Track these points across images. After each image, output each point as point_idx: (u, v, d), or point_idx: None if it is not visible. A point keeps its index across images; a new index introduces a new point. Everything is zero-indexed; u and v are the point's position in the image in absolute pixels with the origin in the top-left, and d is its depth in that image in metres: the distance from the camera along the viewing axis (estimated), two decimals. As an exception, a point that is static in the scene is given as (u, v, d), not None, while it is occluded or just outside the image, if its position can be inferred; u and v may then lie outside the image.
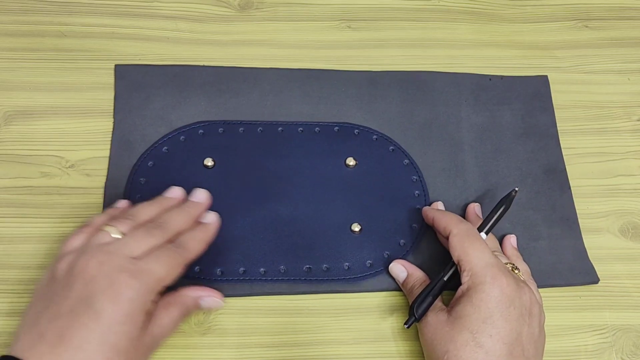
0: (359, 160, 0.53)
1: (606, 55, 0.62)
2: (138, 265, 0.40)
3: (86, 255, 0.40)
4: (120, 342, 0.38)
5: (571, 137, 0.57)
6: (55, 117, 0.53)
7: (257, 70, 0.57)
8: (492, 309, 0.42)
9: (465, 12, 0.63)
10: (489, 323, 0.42)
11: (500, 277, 0.43)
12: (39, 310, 0.39)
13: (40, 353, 0.36)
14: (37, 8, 0.58)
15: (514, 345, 0.42)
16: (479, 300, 0.42)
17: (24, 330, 0.39)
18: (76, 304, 0.38)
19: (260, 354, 0.46)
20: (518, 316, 0.43)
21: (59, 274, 0.40)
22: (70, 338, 0.37)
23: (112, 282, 0.38)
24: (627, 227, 0.54)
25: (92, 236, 0.42)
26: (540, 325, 0.45)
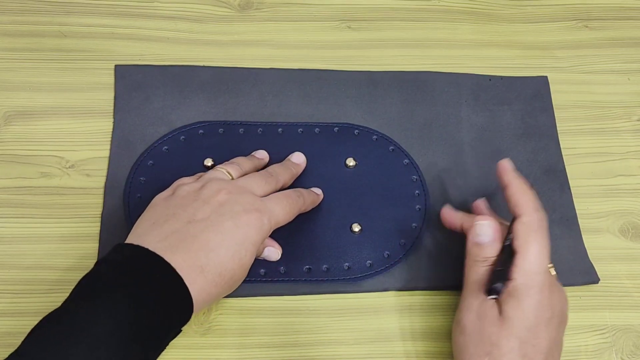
0: (359, 160, 0.53)
1: (606, 55, 0.62)
2: (264, 204, 0.44)
3: (213, 183, 0.44)
4: (242, 260, 0.41)
5: (571, 137, 0.57)
6: (55, 117, 0.53)
7: (257, 70, 0.57)
8: (539, 318, 0.41)
9: (465, 12, 0.63)
10: (533, 332, 0.41)
11: (549, 287, 0.42)
12: (158, 218, 0.41)
13: (172, 249, 0.39)
14: (36, 8, 0.58)
15: (549, 354, 0.41)
16: (528, 306, 0.41)
17: (145, 231, 0.41)
18: (209, 217, 0.41)
19: (260, 354, 0.46)
20: (557, 325, 0.42)
21: (182, 194, 0.43)
22: (206, 241, 0.40)
23: (242, 211, 0.42)
24: (627, 227, 0.54)
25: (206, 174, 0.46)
26: (563, 325, 0.44)
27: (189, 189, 0.44)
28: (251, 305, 0.48)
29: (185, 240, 0.40)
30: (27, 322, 0.45)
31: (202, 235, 0.40)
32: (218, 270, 0.40)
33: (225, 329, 0.47)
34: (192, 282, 0.38)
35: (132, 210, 0.49)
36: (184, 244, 0.39)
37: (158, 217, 0.42)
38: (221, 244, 0.40)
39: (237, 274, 0.42)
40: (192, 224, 0.41)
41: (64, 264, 0.47)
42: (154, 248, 0.39)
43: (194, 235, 0.40)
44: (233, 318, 0.47)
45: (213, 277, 0.40)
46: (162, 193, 0.45)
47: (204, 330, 0.46)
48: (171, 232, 0.40)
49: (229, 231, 0.41)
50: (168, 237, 0.40)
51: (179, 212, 0.42)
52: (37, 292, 0.46)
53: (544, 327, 0.41)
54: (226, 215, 0.42)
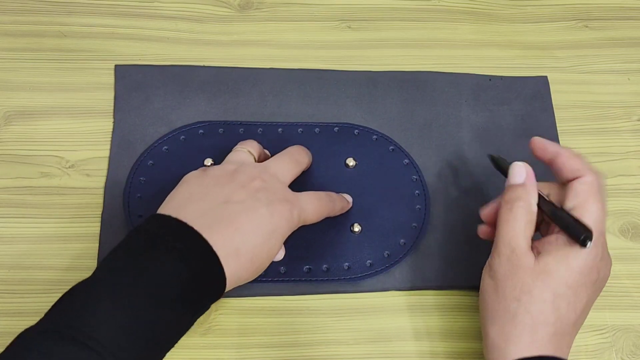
0: (359, 160, 0.53)
1: (606, 55, 0.62)
2: (297, 199, 0.44)
3: (246, 168, 0.44)
4: (271, 250, 0.41)
5: (571, 137, 0.57)
6: (55, 117, 0.53)
7: (257, 70, 0.57)
8: (582, 280, 0.40)
9: (465, 12, 0.63)
10: (573, 290, 0.40)
11: (601, 250, 0.41)
12: (193, 194, 0.41)
13: (210, 227, 0.39)
14: (37, 8, 0.58)
15: (582, 315, 0.41)
16: (577, 265, 0.39)
17: (181, 205, 0.40)
18: (245, 201, 0.41)
19: (260, 354, 0.46)
20: (596, 291, 0.42)
21: (216, 174, 0.43)
22: (242, 224, 0.40)
23: (276, 201, 0.42)
24: (627, 227, 0.54)
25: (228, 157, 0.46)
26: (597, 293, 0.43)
27: (222, 170, 0.44)
28: (251, 305, 0.48)
29: (222, 220, 0.39)
30: (27, 322, 0.45)
31: (238, 218, 0.40)
32: (250, 256, 0.40)
33: (225, 329, 0.47)
34: (227, 264, 0.38)
35: (132, 210, 0.49)
36: (221, 224, 0.39)
37: (193, 193, 0.42)
38: (256, 230, 0.40)
39: (264, 263, 0.42)
40: (229, 205, 0.40)
41: (64, 264, 0.48)
42: (192, 223, 0.38)
43: (231, 216, 0.40)
44: (233, 318, 0.47)
45: (245, 261, 0.40)
46: (193, 172, 0.44)
47: (204, 330, 0.46)
48: (208, 209, 0.40)
49: (264, 218, 0.41)
50: (205, 214, 0.39)
51: (216, 191, 0.41)
52: (37, 292, 0.46)
53: (584, 288, 0.40)
54: (262, 201, 0.41)
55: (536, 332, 0.39)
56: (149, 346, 0.35)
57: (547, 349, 0.39)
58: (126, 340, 0.34)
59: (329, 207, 0.47)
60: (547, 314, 0.39)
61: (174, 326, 0.37)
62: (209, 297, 0.39)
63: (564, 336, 0.40)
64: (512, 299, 0.40)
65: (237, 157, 0.46)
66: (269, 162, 0.46)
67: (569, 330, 0.40)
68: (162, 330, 0.36)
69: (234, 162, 0.45)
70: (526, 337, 0.39)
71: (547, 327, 0.39)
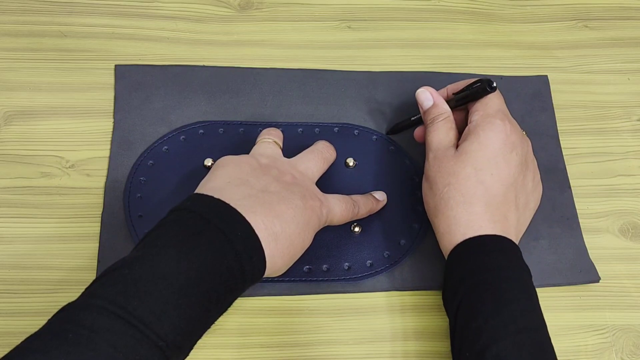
0: (359, 160, 0.53)
1: (606, 55, 0.62)
2: (327, 199, 0.45)
3: (278, 163, 0.45)
4: (304, 242, 0.42)
5: (571, 137, 0.57)
6: (55, 117, 0.53)
7: (257, 70, 0.57)
8: (497, 150, 0.44)
9: (465, 12, 0.63)
10: (492, 162, 0.44)
11: (507, 123, 0.45)
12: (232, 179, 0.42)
13: (252, 210, 0.39)
14: (37, 8, 0.58)
15: (509, 189, 0.45)
16: (487, 138, 0.44)
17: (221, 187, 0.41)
18: (281, 192, 0.42)
19: (260, 354, 0.46)
20: (518, 163, 0.45)
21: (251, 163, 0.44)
22: (281, 212, 0.40)
23: (308, 196, 0.43)
24: (627, 227, 0.54)
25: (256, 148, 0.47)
26: (534, 181, 0.48)
27: (257, 161, 0.44)
28: (251, 305, 0.48)
29: (262, 205, 0.40)
30: (27, 322, 0.45)
31: (277, 206, 0.41)
32: (287, 243, 0.40)
33: (225, 329, 0.47)
34: (267, 247, 0.39)
35: (132, 210, 0.49)
36: (262, 209, 0.40)
37: (232, 178, 0.42)
38: (293, 219, 0.41)
39: (297, 253, 0.42)
40: (267, 194, 0.41)
41: (64, 264, 0.48)
42: (234, 205, 0.39)
43: (270, 203, 0.40)
44: (233, 318, 0.47)
45: (282, 248, 0.40)
46: (228, 157, 0.45)
47: (204, 330, 0.46)
48: (248, 195, 0.40)
49: (299, 209, 0.42)
50: (246, 198, 0.40)
51: (252, 179, 0.42)
52: (37, 292, 0.46)
53: (503, 159, 0.44)
54: (296, 194, 0.42)
55: (470, 207, 0.44)
56: (191, 325, 0.35)
57: (484, 224, 0.43)
58: (170, 320, 0.34)
59: (353, 212, 0.48)
60: (474, 188, 0.44)
61: (214, 306, 0.37)
62: (249, 279, 0.39)
63: (497, 209, 0.44)
64: (444, 186, 0.45)
65: (267, 150, 0.47)
66: (298, 159, 0.47)
67: (499, 203, 0.44)
68: (204, 310, 0.36)
69: (266, 156, 0.46)
70: (463, 215, 0.44)
71: (478, 200, 0.44)
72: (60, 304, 0.41)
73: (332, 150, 0.51)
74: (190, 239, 0.36)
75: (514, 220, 0.45)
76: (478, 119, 0.46)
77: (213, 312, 0.37)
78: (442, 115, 0.48)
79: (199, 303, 0.35)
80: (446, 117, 0.48)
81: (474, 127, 0.46)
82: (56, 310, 0.34)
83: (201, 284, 0.35)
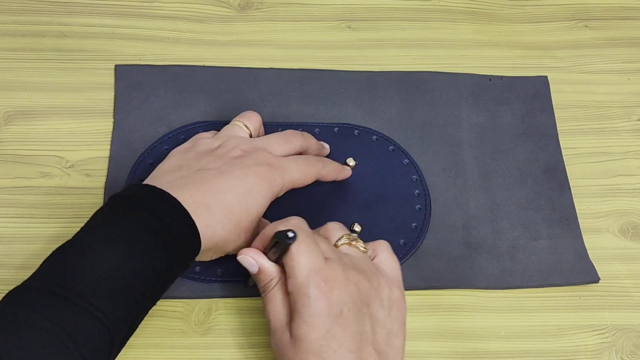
0: (359, 160, 0.53)
1: (606, 55, 0.62)
2: (279, 161, 0.45)
3: (230, 141, 0.46)
4: (249, 210, 0.42)
5: (571, 137, 0.57)
6: (55, 117, 0.53)
7: (257, 70, 0.57)
8: (326, 323, 0.38)
9: (465, 12, 0.63)
10: (328, 338, 0.38)
11: (322, 284, 0.38)
12: (171, 167, 0.44)
13: (180, 187, 0.40)
14: (37, 8, 0.58)
15: (361, 346, 0.39)
16: (310, 316, 0.38)
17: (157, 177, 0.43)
18: (220, 167, 0.43)
19: (260, 354, 0.46)
20: (354, 317, 0.39)
21: (199, 149, 0.45)
22: (213, 184, 0.41)
23: (253, 164, 0.43)
24: (627, 227, 0.54)
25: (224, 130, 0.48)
26: (385, 304, 0.40)
27: (207, 146, 0.46)
28: (251, 305, 0.48)
29: (194, 183, 0.42)
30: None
31: (210, 180, 0.42)
32: (224, 212, 0.41)
33: (225, 329, 0.47)
34: (198, 216, 0.40)
35: (132, 210, 0.49)
36: (193, 186, 0.41)
37: (171, 166, 0.44)
38: (229, 189, 0.42)
39: (243, 221, 0.42)
40: (202, 172, 0.43)
41: (64, 264, 0.47)
42: (162, 186, 0.40)
43: (203, 178, 0.42)
44: (233, 318, 0.47)
45: (219, 217, 0.41)
46: (180, 146, 0.47)
47: (204, 330, 0.46)
48: (181, 177, 0.42)
49: (237, 178, 0.42)
50: (177, 179, 0.42)
51: (192, 163, 0.44)
52: (37, 292, 0.46)
53: (337, 328, 0.38)
54: (237, 166, 0.43)
55: None
56: (128, 295, 0.36)
57: None
58: (103, 290, 0.35)
59: (316, 166, 0.47)
60: None
61: (153, 278, 0.38)
62: (187, 250, 0.40)
63: None
64: None
65: (230, 131, 0.48)
66: (259, 138, 0.48)
67: None
68: (141, 281, 0.37)
69: (221, 137, 0.47)
70: None
71: None
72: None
73: (300, 137, 0.49)
74: (119, 217, 0.38)
75: None
76: (293, 290, 0.38)
77: (153, 284, 0.38)
78: (272, 281, 0.41)
79: (133, 274, 0.36)
80: (276, 282, 0.40)
81: (293, 303, 0.38)
82: None
83: (132, 256, 0.37)
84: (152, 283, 0.38)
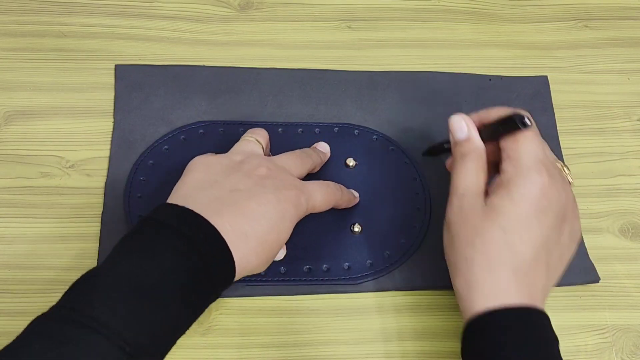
0: (359, 160, 0.53)
1: (606, 55, 0.62)
2: (304, 185, 0.44)
3: (253, 158, 0.44)
4: (280, 235, 0.42)
5: (571, 137, 0.57)
6: (55, 117, 0.53)
7: (257, 70, 0.57)
8: (531, 209, 0.39)
9: (465, 12, 0.63)
10: (524, 223, 0.39)
11: (546, 176, 0.40)
12: (200, 183, 0.42)
13: (218, 212, 0.39)
14: (37, 8, 0.58)
15: (541, 251, 0.39)
16: (520, 195, 0.39)
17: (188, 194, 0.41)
18: (252, 188, 0.41)
19: (260, 354, 0.46)
20: (553, 221, 0.40)
21: (223, 162, 0.44)
22: (250, 210, 0.40)
23: (283, 187, 0.42)
24: (627, 227, 0.54)
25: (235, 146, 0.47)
26: (572, 232, 0.42)
27: (229, 159, 0.44)
28: (251, 305, 0.48)
29: (230, 206, 0.40)
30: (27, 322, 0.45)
31: (246, 204, 0.40)
32: (260, 240, 0.40)
33: (225, 329, 0.47)
34: (236, 247, 0.39)
35: (132, 210, 0.49)
36: (229, 209, 0.39)
37: (200, 182, 0.42)
38: (264, 214, 0.40)
39: (274, 248, 0.42)
40: (236, 193, 0.41)
41: (64, 264, 0.48)
42: (199, 210, 0.39)
43: (238, 202, 0.40)
44: (233, 318, 0.47)
45: (255, 245, 0.40)
46: (199, 157, 0.45)
47: (204, 330, 0.46)
48: (215, 198, 0.40)
49: (271, 203, 0.41)
50: (212, 201, 0.40)
51: (222, 180, 0.42)
52: (37, 292, 0.46)
53: (536, 220, 0.39)
54: (268, 188, 0.42)
55: (494, 273, 0.39)
56: (157, 327, 0.35)
57: (509, 293, 0.38)
58: (136, 324, 0.34)
59: (336, 195, 0.47)
60: (501, 252, 0.39)
61: (183, 308, 0.37)
62: (220, 282, 0.39)
63: (526, 275, 0.39)
64: (467, 245, 0.40)
65: (245, 147, 0.47)
66: (276, 156, 0.47)
67: (528, 268, 0.39)
68: (171, 312, 0.36)
69: (242, 153, 0.46)
70: (487, 282, 0.39)
71: (504, 266, 0.39)
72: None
73: (315, 154, 0.50)
74: (153, 244, 0.37)
75: (544, 282, 0.40)
76: (512, 170, 0.40)
77: (183, 314, 0.37)
78: (475, 152, 0.42)
79: (163, 305, 0.35)
80: (478, 154, 0.42)
81: (506, 180, 0.40)
82: None
83: (165, 285, 0.35)
84: (182, 316, 0.37)
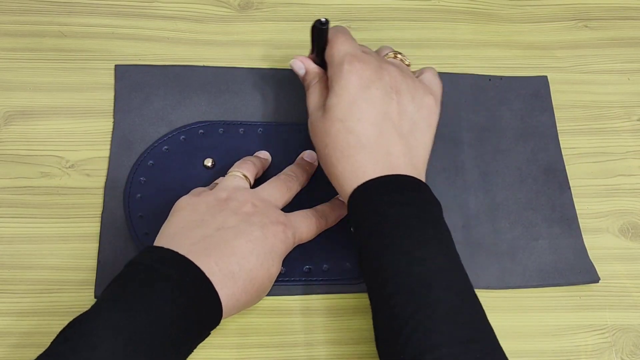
0: (359, 160, 0.53)
1: (606, 55, 0.62)
2: (289, 220, 0.45)
3: (238, 194, 0.45)
4: (269, 270, 0.42)
5: (571, 137, 0.57)
6: (55, 117, 0.53)
7: (257, 70, 0.57)
8: (354, 94, 0.44)
9: (465, 12, 0.63)
10: (354, 108, 0.44)
11: (355, 62, 0.45)
12: (187, 223, 0.42)
13: (204, 253, 0.39)
14: (37, 8, 0.58)
15: (383, 124, 0.44)
16: (340, 88, 0.44)
17: (174, 235, 0.41)
18: (239, 225, 0.42)
19: (260, 354, 0.46)
20: (382, 96, 0.44)
21: (208, 200, 0.44)
22: (237, 248, 0.41)
23: (269, 223, 0.43)
24: (627, 227, 0.54)
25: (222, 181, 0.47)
26: (416, 100, 0.46)
27: (214, 197, 0.44)
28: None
29: (217, 245, 0.40)
30: (27, 322, 0.45)
31: (233, 242, 0.41)
32: (248, 278, 0.41)
33: (225, 329, 0.47)
34: (223, 287, 0.39)
35: (132, 210, 0.49)
36: (216, 249, 0.40)
37: (187, 222, 0.42)
38: (252, 251, 0.41)
39: (264, 284, 0.42)
40: (223, 231, 0.41)
41: (64, 264, 0.48)
42: (185, 252, 0.39)
43: (226, 241, 0.41)
44: (233, 318, 0.47)
45: (243, 283, 0.40)
46: (184, 198, 0.45)
47: (204, 330, 0.46)
48: (202, 237, 0.41)
49: (259, 240, 0.42)
50: (199, 241, 0.40)
51: (208, 218, 0.42)
52: (37, 292, 0.46)
53: (363, 101, 0.44)
54: (255, 225, 0.43)
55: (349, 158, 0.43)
56: None
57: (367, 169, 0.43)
58: None
59: (320, 223, 0.48)
60: (346, 139, 0.43)
61: (173, 353, 0.37)
62: (208, 323, 0.39)
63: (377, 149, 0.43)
64: (323, 147, 0.45)
65: (231, 182, 0.47)
66: (261, 188, 0.47)
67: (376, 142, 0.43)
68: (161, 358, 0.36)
69: (227, 189, 0.46)
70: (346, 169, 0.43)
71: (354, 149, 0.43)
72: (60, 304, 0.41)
73: (302, 174, 0.50)
74: (140, 290, 0.37)
75: (402, 149, 0.44)
76: (330, 71, 0.46)
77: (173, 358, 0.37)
78: (314, 79, 0.48)
79: (152, 352, 0.35)
80: (318, 79, 0.48)
81: (329, 81, 0.46)
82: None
83: (153, 332, 0.36)
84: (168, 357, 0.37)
